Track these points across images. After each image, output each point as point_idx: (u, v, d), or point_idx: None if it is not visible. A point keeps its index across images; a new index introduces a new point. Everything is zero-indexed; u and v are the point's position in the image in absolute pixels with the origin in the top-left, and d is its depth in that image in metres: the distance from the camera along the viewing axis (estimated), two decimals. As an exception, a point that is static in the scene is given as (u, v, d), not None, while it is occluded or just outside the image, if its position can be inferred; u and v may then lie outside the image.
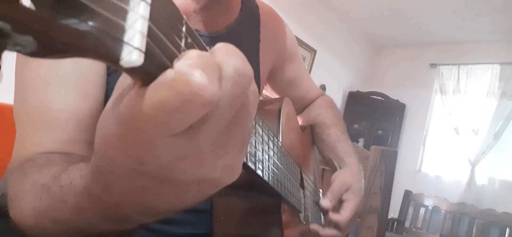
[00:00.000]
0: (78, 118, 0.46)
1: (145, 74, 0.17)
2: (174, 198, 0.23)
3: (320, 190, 0.82)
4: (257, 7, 0.74)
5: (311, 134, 0.84)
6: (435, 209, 3.52)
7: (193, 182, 0.22)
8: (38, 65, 0.47)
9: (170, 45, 0.17)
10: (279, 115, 0.54)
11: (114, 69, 0.51)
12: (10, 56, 0.50)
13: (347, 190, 0.66)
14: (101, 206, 0.26)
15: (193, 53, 0.18)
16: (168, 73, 0.17)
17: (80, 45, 0.14)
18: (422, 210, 3.58)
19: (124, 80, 0.20)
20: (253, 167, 0.34)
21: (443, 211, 3.46)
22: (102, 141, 0.21)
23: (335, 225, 0.63)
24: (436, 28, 3.72)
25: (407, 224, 3.60)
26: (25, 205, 0.35)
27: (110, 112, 0.20)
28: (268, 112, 0.56)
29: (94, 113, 0.48)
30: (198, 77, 0.17)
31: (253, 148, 0.34)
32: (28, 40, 0.13)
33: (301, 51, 3.70)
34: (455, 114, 3.70)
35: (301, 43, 3.63)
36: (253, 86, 0.22)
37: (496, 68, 3.55)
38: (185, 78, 0.17)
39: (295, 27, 3.47)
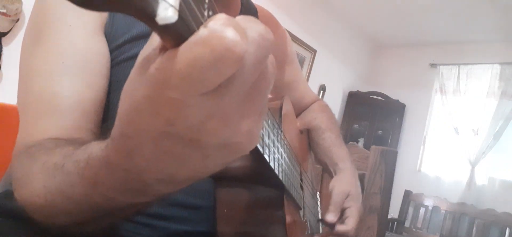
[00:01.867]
0: (82, 106, 0.47)
1: (177, 35, 0.18)
2: (197, 163, 0.24)
3: (318, 193, 0.82)
4: (256, 11, 0.75)
5: (307, 137, 0.84)
6: (435, 209, 3.52)
7: (218, 145, 0.22)
8: (44, 54, 0.48)
9: (197, 12, 0.19)
10: (281, 112, 0.54)
11: (117, 62, 0.52)
12: (10, 57, 0.50)
13: (347, 197, 0.67)
14: (122, 176, 0.27)
15: (222, 15, 0.19)
16: (202, 31, 0.18)
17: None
18: (422, 210, 3.58)
19: (147, 49, 0.21)
20: (261, 149, 0.34)
21: (443, 211, 3.46)
22: (129, 105, 0.22)
23: (343, 235, 0.64)
24: (436, 28, 3.72)
25: (407, 224, 3.60)
26: (35, 185, 0.35)
27: (137, 78, 0.21)
28: (270, 108, 0.56)
29: (98, 102, 0.49)
30: (231, 34, 0.18)
31: (261, 131, 0.34)
32: None
33: (301, 51, 3.70)
34: (455, 114, 3.70)
35: (301, 43, 3.64)
36: (272, 57, 0.23)
37: (496, 68, 3.55)
38: (219, 35, 0.18)
39: (295, 27, 3.47)
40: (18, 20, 2.17)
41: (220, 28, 0.18)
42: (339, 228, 0.64)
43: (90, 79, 0.48)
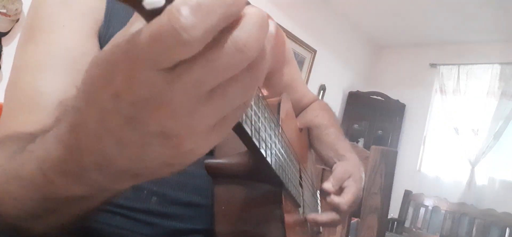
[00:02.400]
0: None
1: None
2: (134, 150, 0.23)
3: (318, 191, 0.82)
4: None
5: (308, 137, 0.84)
6: (435, 209, 3.52)
7: (156, 133, 0.22)
8: (34, 49, 0.48)
9: None
10: (279, 109, 0.54)
11: None
12: (10, 57, 0.50)
13: (349, 177, 0.67)
14: (61, 152, 0.27)
15: None
16: (167, 8, 0.18)
17: None
18: (422, 210, 3.58)
19: (124, 31, 0.22)
20: (257, 143, 0.33)
21: (443, 211, 3.46)
22: (87, 75, 0.23)
23: (335, 208, 0.63)
24: (436, 28, 3.72)
25: (407, 224, 3.60)
26: None
27: (104, 50, 0.21)
28: (267, 104, 0.56)
29: None
30: (185, 14, 0.17)
31: (257, 124, 0.34)
32: None
33: (301, 51, 3.70)
34: (455, 114, 3.70)
35: (301, 43, 3.63)
36: (262, 69, 0.22)
37: (496, 68, 3.55)
38: (173, 12, 0.17)
39: (295, 27, 3.48)
40: (18, 20, 2.17)
41: (178, 3, 0.17)
42: (333, 198, 0.63)
43: (76, 77, 0.48)
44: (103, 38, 0.53)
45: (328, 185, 0.64)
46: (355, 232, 1.15)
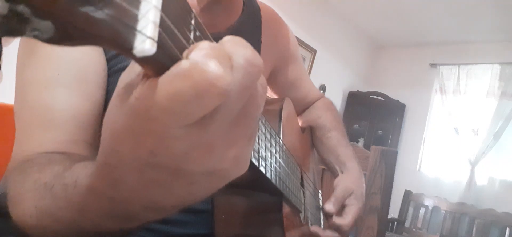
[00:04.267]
0: (78, 118, 0.46)
1: (157, 65, 0.17)
2: (183, 191, 0.23)
3: (320, 191, 0.82)
4: (258, 9, 0.73)
5: (311, 136, 0.84)
6: (435, 209, 3.52)
7: (203, 172, 0.22)
8: (38, 64, 0.47)
9: (181, 37, 0.18)
10: (280, 115, 0.54)
11: (114, 71, 0.51)
12: (10, 56, 0.50)
13: (350, 195, 0.67)
14: (107, 205, 0.26)
15: (205, 44, 0.18)
16: (183, 64, 0.17)
17: (96, 32, 0.14)
18: (422, 210, 3.58)
19: (128, 74, 0.20)
20: (256, 163, 0.34)
21: (443, 211, 3.46)
22: (110, 136, 0.21)
23: (337, 228, 0.63)
24: (436, 28, 3.72)
25: (407, 224, 3.60)
26: (27, 204, 0.34)
27: (118, 106, 0.20)
28: (269, 112, 0.56)
29: (95, 113, 0.48)
30: (213, 67, 0.17)
31: (256, 144, 0.34)
32: (46, 25, 0.13)
33: (301, 51, 3.70)
34: (455, 114, 3.70)
35: (301, 43, 3.63)
36: (262, 78, 0.22)
37: (496, 68, 3.55)
38: (201, 68, 0.17)
39: (295, 27, 3.47)
40: (18, 20, 2.17)
41: (202, 60, 0.17)
42: (335, 219, 0.63)
43: (86, 90, 0.48)
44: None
45: (329, 207, 0.64)
46: (355, 232, 1.15)
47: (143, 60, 0.16)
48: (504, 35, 3.45)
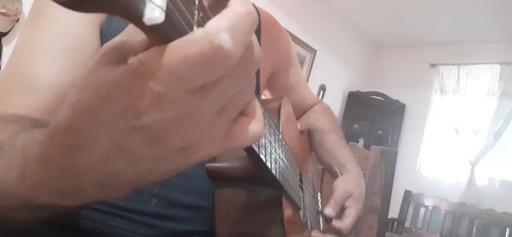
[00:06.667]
0: (57, 89, 0.47)
1: (164, 34, 0.18)
2: (147, 165, 0.23)
3: (319, 193, 0.82)
4: (257, 13, 0.74)
5: (309, 139, 0.84)
6: (435, 209, 3.52)
7: (178, 148, 0.22)
8: (33, 33, 0.49)
9: (186, 11, 0.19)
10: (279, 113, 0.54)
11: None
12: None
13: (349, 197, 0.67)
14: (54, 175, 0.24)
15: (220, 20, 0.19)
16: (198, 32, 0.18)
17: None
18: (422, 210, 3.58)
19: (121, 42, 0.21)
20: (256, 150, 0.34)
21: (443, 211, 3.46)
22: (92, 96, 0.20)
23: (337, 231, 0.64)
24: (436, 28, 3.72)
25: (407, 224, 3.60)
26: None
27: (106, 67, 0.20)
28: (268, 110, 0.56)
29: None
30: (225, 37, 0.18)
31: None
32: None
33: (301, 51, 3.70)
34: (455, 114, 3.70)
35: (301, 43, 3.63)
36: (254, 77, 0.23)
37: (496, 68, 3.55)
38: (213, 37, 0.18)
39: (295, 27, 3.47)
40: (18, 20, 2.17)
41: (216, 30, 0.18)
42: (335, 223, 0.64)
43: (72, 65, 0.49)
44: (105, 32, 0.53)
45: (329, 211, 0.64)
46: (355, 232, 1.15)
47: (151, 29, 0.17)
48: (504, 35, 3.45)
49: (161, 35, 0.18)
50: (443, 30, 3.70)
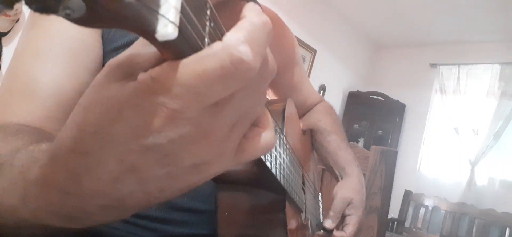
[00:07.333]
0: (60, 96, 0.46)
1: (177, 49, 0.18)
2: (157, 185, 0.22)
3: (320, 194, 0.82)
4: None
5: (311, 138, 0.84)
6: (435, 209, 3.52)
7: (190, 165, 0.21)
8: (34, 37, 0.47)
9: (198, 25, 0.18)
10: (284, 115, 0.54)
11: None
12: (10, 56, 0.50)
13: (349, 204, 0.67)
14: (56, 199, 0.22)
15: (236, 33, 0.19)
16: (215, 45, 0.18)
17: (123, 14, 0.15)
18: (422, 210, 3.58)
19: (123, 56, 0.20)
20: (262, 156, 0.34)
21: (443, 211, 3.46)
22: (99, 115, 0.19)
23: None
24: (436, 28, 3.72)
25: (407, 224, 3.60)
26: None
27: (114, 85, 0.19)
28: (272, 112, 0.56)
29: (78, 96, 0.47)
30: (244, 49, 0.18)
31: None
32: (78, 4, 0.14)
33: (301, 51, 3.70)
34: (455, 114, 3.70)
35: (301, 43, 3.63)
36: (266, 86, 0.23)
37: (496, 68, 3.55)
38: (232, 51, 0.18)
39: (295, 27, 3.47)
40: (18, 20, 2.17)
41: (235, 42, 0.18)
42: (336, 234, 0.64)
43: (75, 70, 0.47)
44: (106, 36, 0.52)
45: (328, 223, 0.64)
46: (355, 232, 1.15)
47: (164, 45, 0.17)
48: (504, 35, 3.45)
49: (175, 50, 0.18)
50: (443, 30, 3.70)
